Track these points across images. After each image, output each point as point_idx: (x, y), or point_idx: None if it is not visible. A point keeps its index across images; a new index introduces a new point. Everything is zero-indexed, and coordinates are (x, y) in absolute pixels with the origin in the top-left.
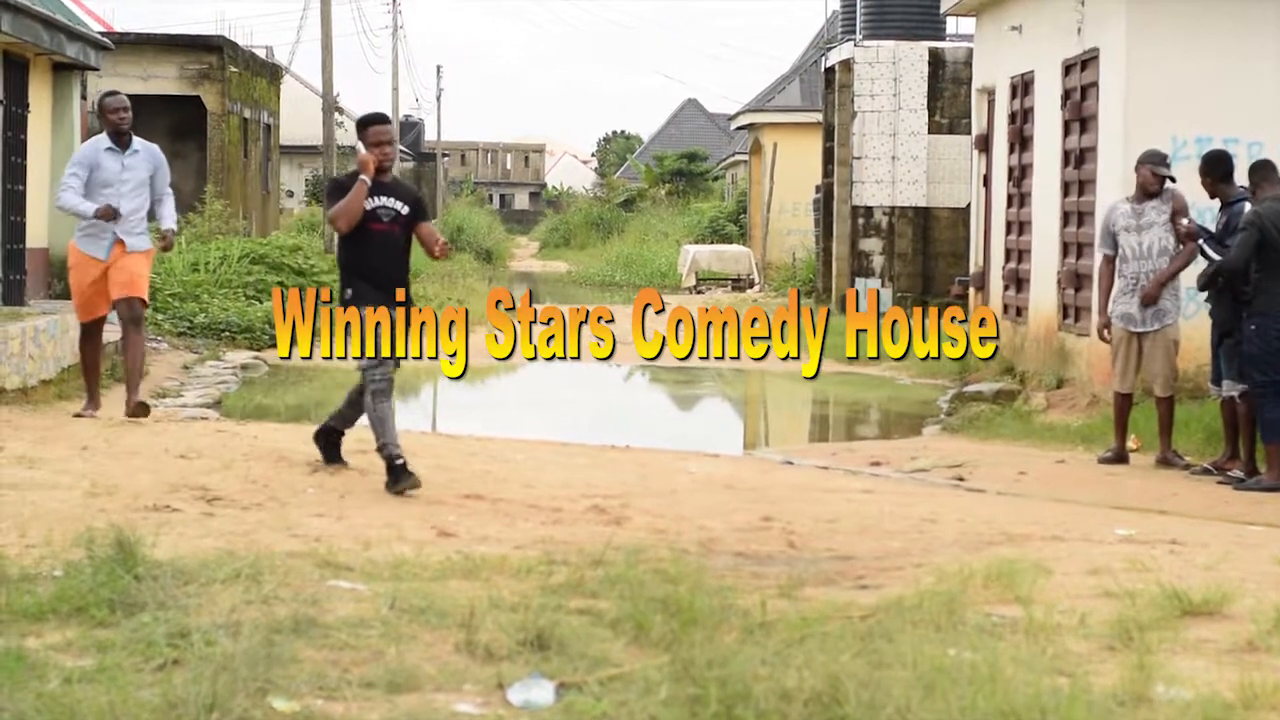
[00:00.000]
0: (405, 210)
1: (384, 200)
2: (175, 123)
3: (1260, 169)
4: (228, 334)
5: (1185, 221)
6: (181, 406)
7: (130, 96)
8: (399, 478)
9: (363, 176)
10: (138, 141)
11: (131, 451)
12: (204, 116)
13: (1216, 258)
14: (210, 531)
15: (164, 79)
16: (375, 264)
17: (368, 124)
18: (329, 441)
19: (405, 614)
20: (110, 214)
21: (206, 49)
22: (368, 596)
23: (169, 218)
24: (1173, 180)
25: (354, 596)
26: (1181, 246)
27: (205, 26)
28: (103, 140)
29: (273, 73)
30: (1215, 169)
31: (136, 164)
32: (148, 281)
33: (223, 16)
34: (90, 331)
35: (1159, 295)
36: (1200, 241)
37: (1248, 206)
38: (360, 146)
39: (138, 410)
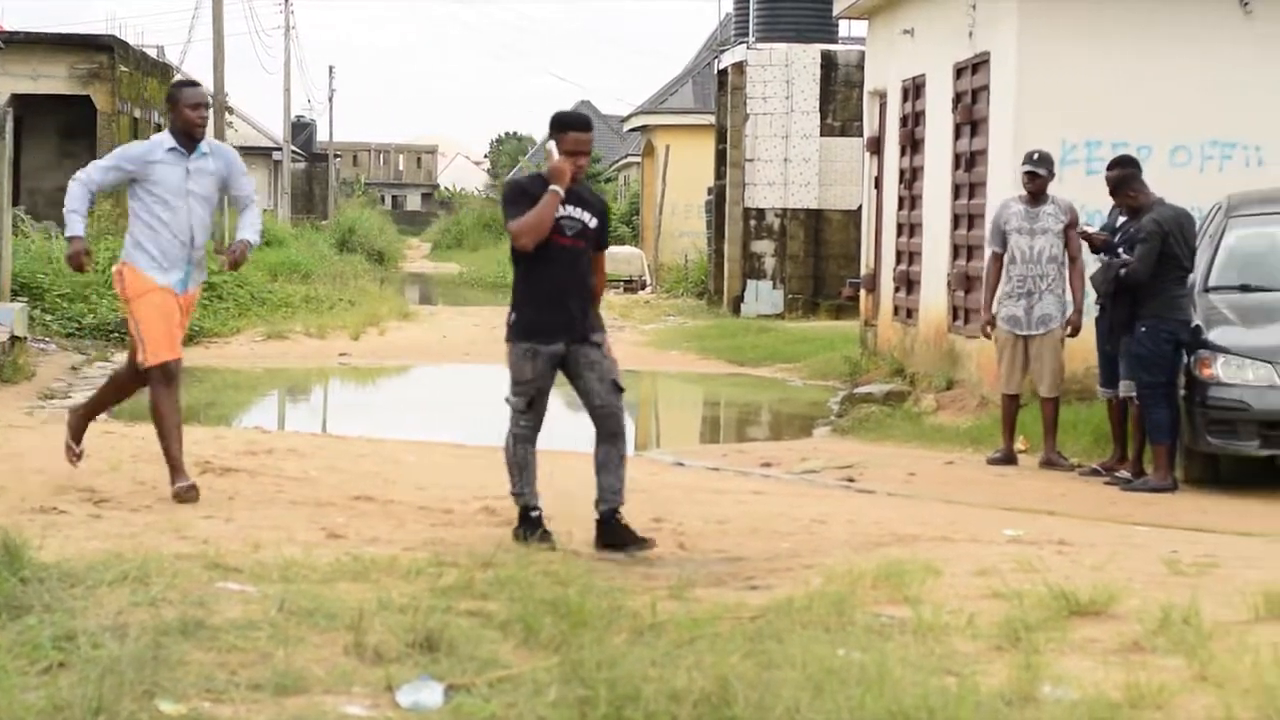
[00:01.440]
0: (594, 224)
1: (571, 210)
2: (65, 123)
3: (1136, 176)
4: (117, 335)
5: (1093, 230)
6: (70, 409)
7: (19, 96)
8: (529, 531)
9: (554, 186)
10: (206, 142)
11: (18, 453)
12: (94, 116)
13: (1126, 259)
14: (98, 533)
15: (54, 79)
16: (553, 286)
17: (566, 127)
18: (617, 529)
19: (294, 616)
20: (77, 263)
21: (97, 48)
22: (256, 598)
23: (249, 227)
24: (1051, 176)
25: (242, 598)
26: (1070, 255)
27: (96, 26)
28: (164, 139)
29: (164, 72)
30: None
31: (204, 171)
32: None
33: (113, 16)
34: (171, 376)
35: (1081, 324)
36: (1119, 251)
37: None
38: (553, 148)
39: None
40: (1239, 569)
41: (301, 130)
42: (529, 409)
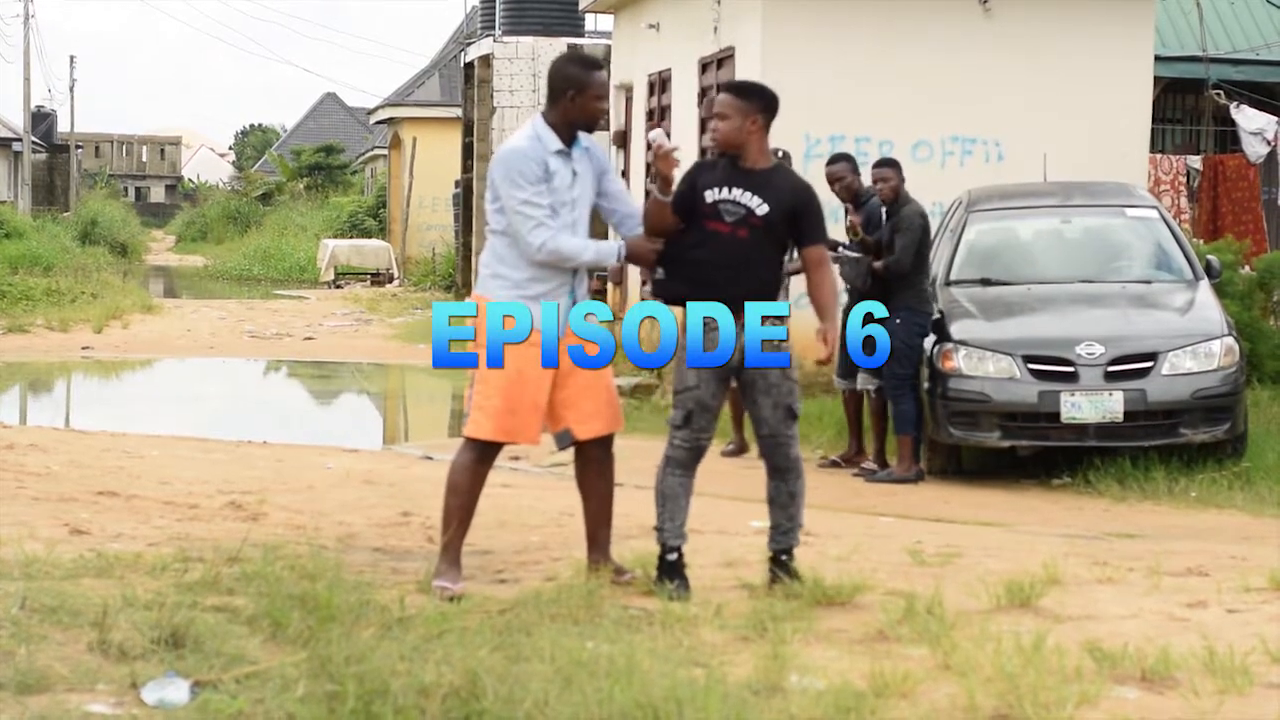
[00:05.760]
0: (763, 210)
1: (731, 192)
2: None
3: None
4: None
5: (857, 218)
6: None
7: None
8: (664, 575)
9: (657, 144)
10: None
11: None
12: None
13: (857, 255)
14: None
15: None
16: (703, 262)
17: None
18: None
19: (36, 613)
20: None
21: None
22: None
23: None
24: None
25: None
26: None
27: None
28: (549, 139)
29: None
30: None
31: (586, 168)
32: None
33: None
34: (490, 458)
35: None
36: (839, 248)
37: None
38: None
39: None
40: (981, 558)
41: (42, 120)
42: (685, 424)
